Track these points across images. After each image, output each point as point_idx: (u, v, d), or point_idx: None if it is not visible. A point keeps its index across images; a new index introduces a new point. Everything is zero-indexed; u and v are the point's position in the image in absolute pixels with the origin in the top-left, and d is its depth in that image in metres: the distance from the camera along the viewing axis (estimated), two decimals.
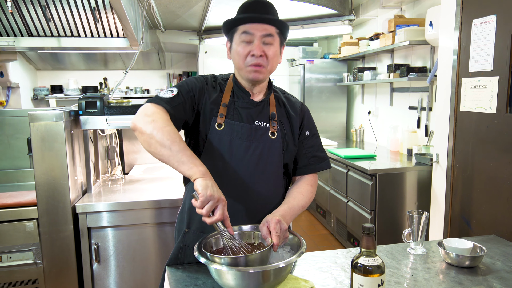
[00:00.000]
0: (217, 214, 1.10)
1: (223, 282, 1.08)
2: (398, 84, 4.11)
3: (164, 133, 1.18)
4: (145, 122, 1.21)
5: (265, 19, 1.33)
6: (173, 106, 1.30)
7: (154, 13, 4.16)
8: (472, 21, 2.29)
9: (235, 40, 1.37)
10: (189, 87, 1.37)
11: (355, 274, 1.00)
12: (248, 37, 1.33)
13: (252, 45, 1.33)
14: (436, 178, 2.72)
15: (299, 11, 4.41)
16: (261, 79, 1.38)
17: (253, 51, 1.33)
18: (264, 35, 1.33)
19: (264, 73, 1.37)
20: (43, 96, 5.85)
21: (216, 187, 1.13)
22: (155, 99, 1.31)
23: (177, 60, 6.68)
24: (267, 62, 1.35)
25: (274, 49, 1.36)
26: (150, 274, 2.18)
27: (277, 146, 1.40)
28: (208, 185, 1.11)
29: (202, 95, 1.39)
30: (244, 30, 1.33)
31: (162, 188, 2.36)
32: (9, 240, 2.04)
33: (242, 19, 1.34)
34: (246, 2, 1.39)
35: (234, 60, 1.40)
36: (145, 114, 1.24)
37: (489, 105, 2.18)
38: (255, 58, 1.33)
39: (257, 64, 1.34)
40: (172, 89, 1.35)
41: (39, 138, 1.98)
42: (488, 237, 1.62)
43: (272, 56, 1.36)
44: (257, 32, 1.33)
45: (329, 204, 4.18)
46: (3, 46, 3.06)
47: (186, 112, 1.34)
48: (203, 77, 1.46)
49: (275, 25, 1.36)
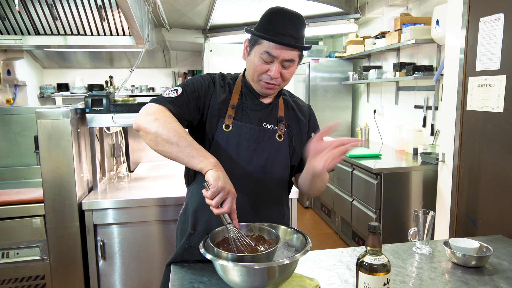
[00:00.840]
0: (225, 207, 1.10)
1: (228, 279, 1.08)
2: (404, 83, 4.09)
3: (169, 129, 1.17)
4: (149, 121, 1.19)
5: (293, 45, 1.25)
6: (176, 106, 1.27)
7: (160, 11, 4.17)
8: (479, 19, 2.27)
9: (255, 51, 1.30)
10: (194, 86, 1.35)
11: (361, 272, 1.00)
12: (269, 58, 1.27)
13: (271, 65, 1.28)
14: (442, 177, 2.71)
15: (304, 10, 4.40)
16: (272, 94, 1.38)
17: (270, 72, 1.29)
18: (286, 59, 1.28)
19: (276, 90, 1.36)
20: (50, 94, 5.89)
21: (227, 179, 1.13)
22: (158, 98, 1.29)
23: (182, 58, 6.69)
24: (281, 82, 1.33)
25: (292, 70, 1.32)
26: (155, 271, 2.19)
27: (284, 149, 1.39)
28: (220, 177, 1.10)
29: (208, 95, 1.36)
30: (267, 50, 1.26)
31: (167, 186, 2.36)
32: (16, 236, 2.06)
33: (269, 39, 1.25)
34: (278, 14, 1.28)
35: (249, 68, 1.35)
36: (147, 113, 1.22)
37: (496, 104, 2.17)
38: (271, 79, 1.30)
39: (271, 84, 1.32)
40: (177, 88, 1.33)
41: (46, 136, 2.00)
42: (495, 237, 1.61)
43: (289, 77, 1.33)
44: (280, 56, 1.26)
45: (334, 203, 4.17)
46: (10, 44, 3.08)
47: (190, 111, 1.32)
48: (210, 76, 1.43)
49: (300, 49, 1.30)
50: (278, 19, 1.26)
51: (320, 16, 4.68)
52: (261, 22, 1.30)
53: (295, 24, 1.26)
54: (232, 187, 1.13)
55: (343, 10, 4.40)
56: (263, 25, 1.28)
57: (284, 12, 1.27)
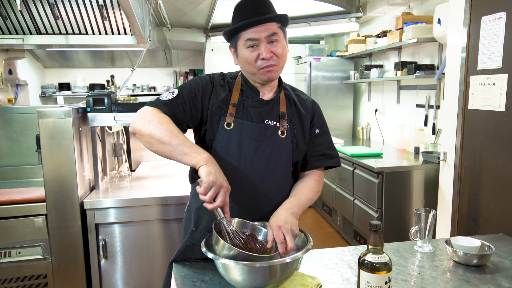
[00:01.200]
0: (218, 200, 1.11)
1: (230, 278, 1.08)
2: (406, 82, 4.09)
3: (161, 130, 1.20)
4: (142, 123, 1.24)
5: (265, 19, 1.29)
6: (171, 108, 1.31)
7: (161, 10, 4.17)
8: (481, 18, 2.27)
9: (240, 46, 1.34)
10: (191, 88, 1.37)
11: (362, 271, 1.00)
12: (253, 42, 1.30)
13: (259, 48, 1.30)
14: (444, 176, 2.71)
15: (305, 9, 4.40)
16: (276, 77, 1.38)
17: (262, 55, 1.30)
18: (268, 35, 1.30)
19: (278, 71, 1.36)
20: (51, 94, 5.89)
21: (219, 173, 1.14)
22: (154, 101, 1.33)
23: (183, 57, 6.69)
24: (278, 60, 1.34)
25: (281, 44, 1.34)
26: (157, 270, 2.20)
27: (286, 145, 1.39)
28: (211, 172, 1.12)
29: (207, 95, 1.38)
30: (248, 37, 1.30)
31: (169, 185, 2.37)
32: (18, 236, 2.07)
33: (243, 26, 1.30)
34: (240, 4, 1.34)
35: (243, 66, 1.37)
36: (141, 115, 1.27)
37: (498, 103, 2.16)
38: (266, 61, 1.31)
39: (269, 65, 1.32)
40: (174, 91, 1.36)
41: (48, 135, 2.00)
42: (497, 236, 1.61)
43: (282, 52, 1.34)
44: (261, 35, 1.29)
45: (335, 202, 4.17)
46: (12, 44, 3.09)
47: (186, 113, 1.34)
48: (210, 76, 1.44)
49: (276, 21, 1.33)
50: (242, 9, 1.33)
51: (322, 15, 4.67)
52: (232, 20, 1.37)
53: (259, 4, 1.32)
54: (225, 181, 1.14)
55: (345, 9, 4.39)
56: (233, 22, 1.35)
57: (245, 3, 1.34)
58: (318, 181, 1.47)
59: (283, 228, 1.16)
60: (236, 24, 1.31)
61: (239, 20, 1.31)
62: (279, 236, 1.15)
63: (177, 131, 1.22)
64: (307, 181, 1.44)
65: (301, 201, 1.33)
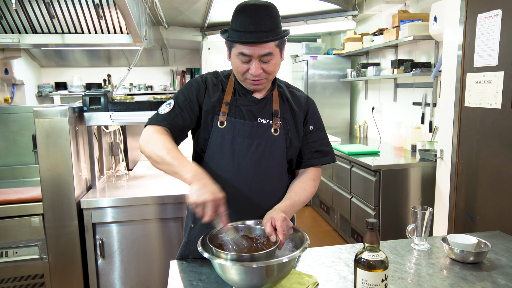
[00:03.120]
0: (206, 216, 1.12)
1: (227, 277, 1.08)
2: (402, 80, 4.10)
3: (155, 151, 1.26)
4: (143, 146, 1.31)
5: (261, 41, 1.23)
6: (170, 121, 1.35)
7: (157, 9, 4.16)
8: (477, 15, 2.27)
9: (233, 53, 1.31)
10: (184, 95, 1.39)
11: (359, 269, 1.01)
12: (245, 58, 1.27)
13: (250, 63, 1.28)
14: (440, 174, 2.72)
15: (302, 7, 4.39)
16: (262, 89, 1.38)
17: (251, 70, 1.29)
18: (262, 55, 1.26)
19: (265, 84, 1.36)
20: (48, 93, 5.87)
21: (204, 188, 1.13)
22: (154, 117, 1.37)
23: (180, 56, 6.68)
24: (267, 76, 1.32)
25: (274, 62, 1.31)
26: (154, 269, 2.20)
27: (280, 143, 1.39)
28: (193, 191, 1.13)
29: (200, 96, 1.39)
30: (241, 51, 1.26)
31: (166, 184, 2.36)
32: (15, 236, 2.06)
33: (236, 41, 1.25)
34: (242, 11, 1.26)
35: (233, 69, 1.36)
36: (142, 138, 1.33)
37: (494, 101, 2.17)
38: (255, 76, 1.30)
39: (257, 80, 1.32)
40: (170, 102, 1.40)
41: (44, 135, 1.99)
42: (493, 233, 1.62)
43: (272, 69, 1.31)
44: (255, 53, 1.25)
45: (333, 200, 4.18)
46: (8, 43, 3.07)
47: (186, 120, 1.37)
48: (202, 77, 1.45)
49: (275, 40, 1.27)
50: (244, 17, 1.25)
51: (318, 13, 4.67)
52: (231, 23, 1.30)
53: (262, 17, 1.24)
54: (214, 193, 1.13)
55: (341, 7, 4.39)
56: (232, 26, 1.29)
57: (248, 8, 1.26)
58: (314, 180, 1.47)
59: (287, 220, 1.18)
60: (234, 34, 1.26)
61: (237, 27, 1.25)
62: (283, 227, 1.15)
63: (170, 148, 1.25)
64: (303, 181, 1.44)
65: (294, 205, 1.33)
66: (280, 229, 1.15)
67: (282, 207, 1.29)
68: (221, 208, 1.15)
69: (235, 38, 1.25)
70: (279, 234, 1.14)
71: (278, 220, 1.16)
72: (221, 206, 1.14)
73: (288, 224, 1.18)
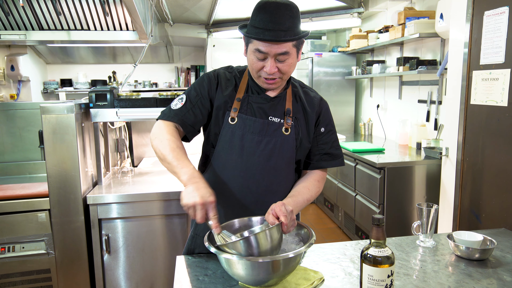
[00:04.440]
0: (196, 218, 1.14)
1: (233, 272, 1.09)
2: (407, 78, 4.08)
3: (160, 148, 1.28)
4: (152, 140, 1.34)
5: (279, 40, 1.22)
6: (182, 116, 1.36)
7: (163, 6, 4.17)
8: (483, 13, 2.26)
9: (249, 49, 1.30)
10: (196, 91, 1.40)
11: (365, 264, 1.01)
12: (261, 55, 1.26)
13: (266, 61, 1.27)
14: (446, 171, 2.71)
15: (307, 4, 4.38)
16: (275, 88, 1.38)
17: (266, 68, 1.28)
18: (279, 53, 1.25)
19: (279, 84, 1.35)
20: (53, 90, 5.90)
21: (195, 191, 1.14)
22: (167, 112, 1.38)
23: (185, 53, 6.68)
24: (281, 75, 1.31)
25: (290, 62, 1.29)
26: (159, 265, 2.21)
27: (290, 142, 1.39)
28: (185, 194, 1.16)
29: (212, 91, 1.39)
30: (258, 48, 1.25)
31: (171, 180, 2.37)
32: (22, 231, 2.08)
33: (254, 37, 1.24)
34: (263, 8, 1.25)
35: (248, 66, 1.36)
36: (153, 132, 1.34)
37: (501, 98, 2.16)
38: (269, 75, 1.29)
39: (271, 79, 1.31)
40: (182, 97, 1.40)
41: (51, 131, 2.01)
42: (499, 230, 1.61)
43: (288, 69, 1.31)
44: (271, 51, 1.24)
45: (337, 198, 4.18)
46: (14, 40, 3.09)
47: (197, 116, 1.37)
48: (214, 72, 1.44)
49: (293, 40, 1.26)
50: (264, 14, 1.23)
51: (324, 10, 4.66)
52: (251, 19, 1.29)
53: (282, 15, 1.23)
54: (204, 197, 1.13)
55: (347, 5, 4.38)
56: (251, 22, 1.28)
57: (269, 5, 1.24)
58: (319, 181, 1.46)
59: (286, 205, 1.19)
60: (253, 30, 1.25)
61: (257, 23, 1.24)
62: (282, 210, 1.16)
63: (174, 147, 1.27)
64: (307, 181, 1.44)
65: (297, 203, 1.33)
66: (279, 212, 1.15)
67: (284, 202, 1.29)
68: (211, 212, 1.14)
69: (252, 34, 1.24)
70: (280, 217, 1.14)
71: (277, 207, 1.17)
72: (211, 210, 1.14)
73: (288, 208, 1.18)
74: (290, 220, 1.16)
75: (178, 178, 1.23)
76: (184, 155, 1.27)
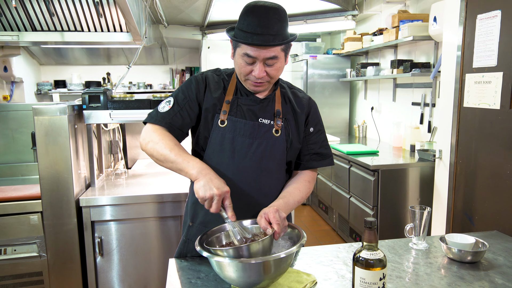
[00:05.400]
0: (212, 209, 1.16)
1: (225, 275, 1.08)
2: (401, 80, 4.10)
3: (158, 150, 1.28)
4: (145, 145, 1.33)
5: (268, 44, 1.22)
6: (169, 119, 1.35)
7: (157, 7, 4.16)
8: (476, 16, 2.28)
9: (237, 53, 1.30)
10: (184, 94, 1.39)
11: (357, 267, 1.01)
12: (250, 60, 1.26)
13: (254, 65, 1.27)
14: (439, 174, 2.72)
15: (302, 6, 4.39)
16: (262, 90, 1.38)
17: (254, 73, 1.28)
18: (267, 58, 1.25)
19: (266, 86, 1.36)
20: (47, 91, 5.87)
21: (210, 183, 1.16)
22: (154, 115, 1.37)
23: (180, 55, 6.68)
24: (269, 79, 1.31)
25: (278, 66, 1.30)
26: (153, 268, 2.20)
27: (280, 144, 1.39)
28: (199, 187, 1.16)
29: (200, 94, 1.39)
30: (246, 52, 1.25)
31: (165, 182, 2.36)
32: (14, 233, 2.06)
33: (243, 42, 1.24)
34: (251, 12, 1.24)
35: (236, 68, 1.36)
36: (144, 137, 1.34)
37: (493, 101, 2.18)
38: (257, 78, 1.29)
39: (259, 83, 1.31)
40: (169, 99, 1.39)
41: (43, 132, 1.99)
42: (491, 233, 1.62)
43: (276, 73, 1.31)
44: (260, 55, 1.24)
45: (331, 200, 4.18)
46: (7, 41, 3.07)
47: (185, 118, 1.37)
48: (202, 74, 1.43)
49: (281, 45, 1.26)
50: (252, 18, 1.23)
51: (318, 13, 4.67)
52: (238, 22, 1.29)
53: (271, 19, 1.22)
54: (220, 188, 1.16)
55: (341, 7, 4.39)
56: (239, 25, 1.27)
57: (257, 9, 1.23)
58: (309, 182, 1.47)
59: (280, 212, 1.21)
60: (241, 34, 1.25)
61: (245, 27, 1.24)
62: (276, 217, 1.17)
63: (172, 146, 1.27)
64: (298, 182, 1.45)
65: (288, 205, 1.34)
66: (273, 220, 1.16)
67: (276, 205, 1.29)
68: (227, 201, 1.18)
69: (241, 39, 1.24)
70: (273, 224, 1.16)
71: (271, 213, 1.18)
72: (226, 199, 1.18)
73: (281, 215, 1.20)
74: (282, 227, 1.18)
75: (185, 174, 1.23)
76: (185, 151, 1.28)
